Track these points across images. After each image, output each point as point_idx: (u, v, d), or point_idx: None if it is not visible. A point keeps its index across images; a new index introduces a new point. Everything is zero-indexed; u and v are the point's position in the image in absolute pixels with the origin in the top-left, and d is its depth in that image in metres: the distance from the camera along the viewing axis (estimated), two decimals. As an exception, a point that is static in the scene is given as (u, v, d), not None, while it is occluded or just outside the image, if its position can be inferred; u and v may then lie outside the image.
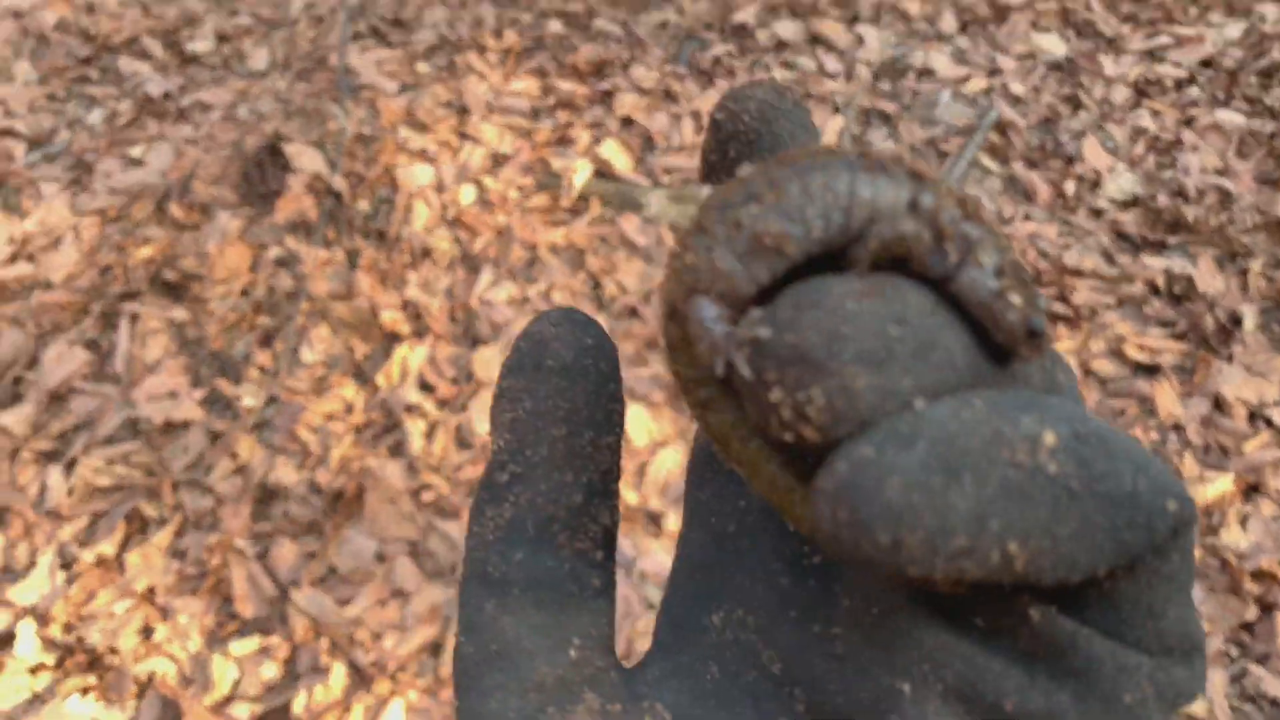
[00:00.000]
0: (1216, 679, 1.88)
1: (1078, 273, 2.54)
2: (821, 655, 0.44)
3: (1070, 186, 2.76)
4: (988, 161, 2.86)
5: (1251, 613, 1.95)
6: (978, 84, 3.08)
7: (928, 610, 0.46)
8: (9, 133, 2.93)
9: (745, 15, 3.32)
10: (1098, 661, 0.44)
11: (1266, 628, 1.94)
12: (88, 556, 2.01)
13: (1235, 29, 3.15)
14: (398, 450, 2.16)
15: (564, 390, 0.49)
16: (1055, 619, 0.44)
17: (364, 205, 2.71)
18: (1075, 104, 3.01)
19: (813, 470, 0.40)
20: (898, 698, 0.45)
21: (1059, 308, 2.47)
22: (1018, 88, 3.06)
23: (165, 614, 1.95)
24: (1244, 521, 2.09)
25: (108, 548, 2.02)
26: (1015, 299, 0.44)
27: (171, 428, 2.21)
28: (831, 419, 0.40)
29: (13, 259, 2.55)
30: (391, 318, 2.41)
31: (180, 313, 2.43)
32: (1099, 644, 0.45)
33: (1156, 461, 0.44)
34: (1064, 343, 2.39)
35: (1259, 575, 2.00)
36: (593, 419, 0.47)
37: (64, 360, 2.30)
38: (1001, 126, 2.95)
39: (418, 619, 1.91)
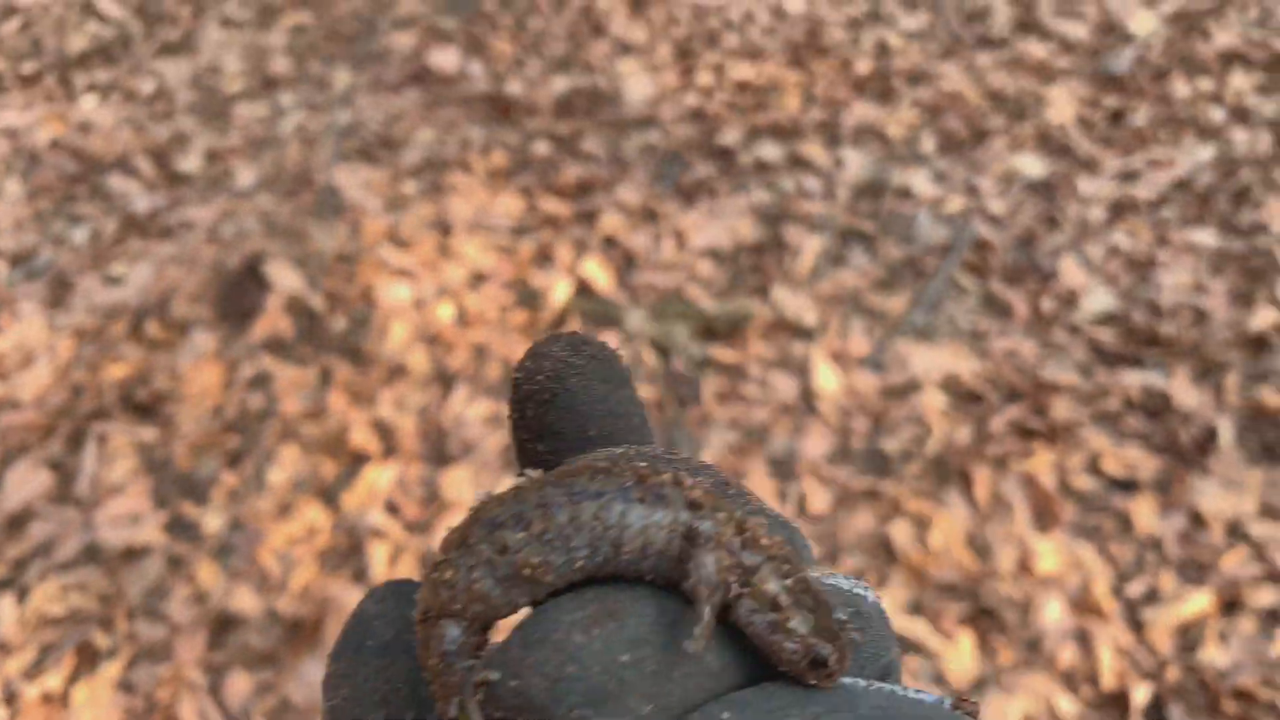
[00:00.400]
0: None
1: (1055, 388, 2.52)
2: None
3: (1047, 303, 2.76)
4: (965, 280, 2.87)
5: (1238, 741, 1.88)
6: (956, 204, 3.11)
7: None
8: (-6, 250, 2.96)
9: (729, 138, 3.38)
10: None
11: (1254, 759, 1.87)
12: (32, 691, 1.94)
13: (1207, 152, 3.19)
14: (360, 575, 2.12)
15: (382, 670, 0.47)
16: None
17: (341, 323, 2.71)
18: (1052, 223, 3.03)
19: None
20: None
21: (1036, 423, 2.45)
22: (996, 207, 3.09)
23: (111, 749, 1.88)
24: (1223, 638, 2.04)
25: (54, 681, 1.96)
26: (797, 627, 0.43)
27: (131, 553, 2.16)
28: None
29: (-14, 377, 2.55)
30: (362, 437, 2.39)
31: (149, 433, 2.41)
32: None
33: None
34: (1041, 457, 2.36)
35: (1238, 694, 1.94)
36: (414, 697, 0.44)
37: (26, 482, 2.27)
38: (979, 245, 2.96)
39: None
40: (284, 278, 2.76)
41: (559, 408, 0.50)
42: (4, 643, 2.02)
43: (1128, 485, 2.32)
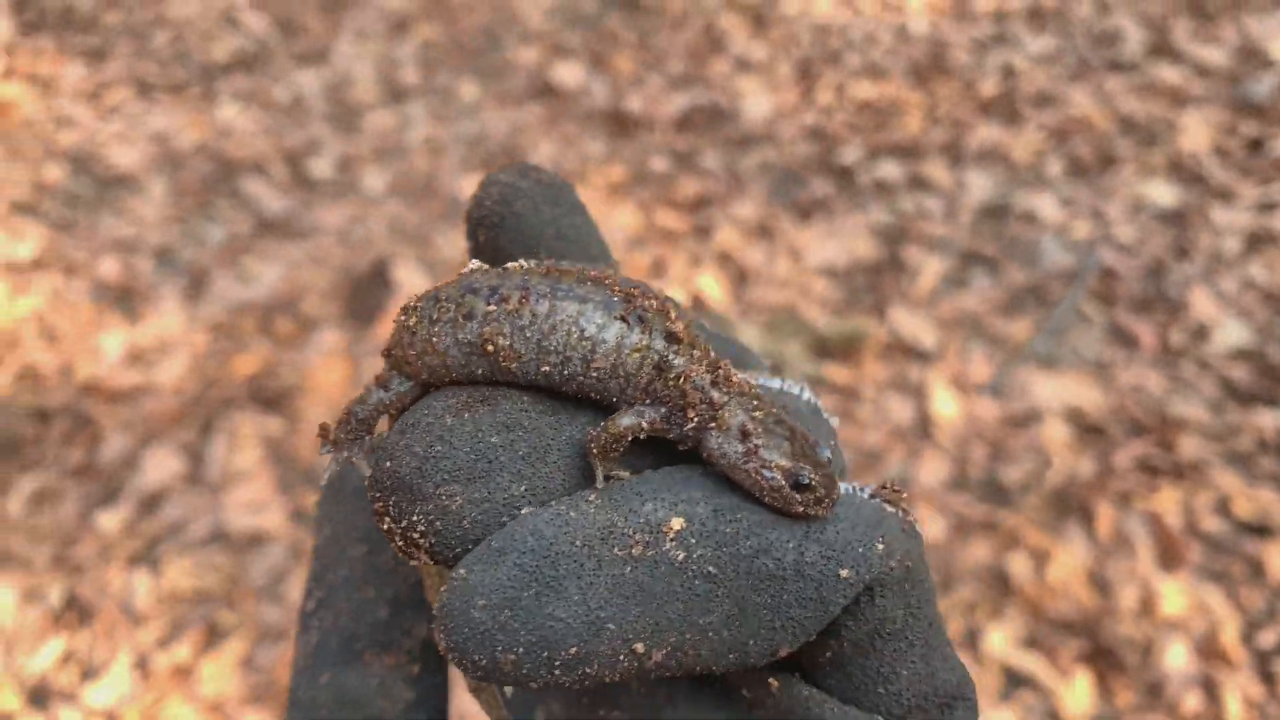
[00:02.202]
0: None
1: (1183, 424, 2.44)
2: None
3: (1176, 336, 2.67)
4: (1090, 308, 2.80)
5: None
6: (1082, 230, 3.03)
7: (690, 687, 0.44)
8: (137, 247, 3.10)
9: (848, 157, 3.36)
10: None
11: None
12: (163, 661, 2.02)
13: (1356, 183, 3.05)
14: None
15: (362, 509, 0.48)
16: (793, 687, 0.41)
17: (461, 327, 2.77)
18: (1183, 253, 2.93)
19: None
20: None
21: (1162, 460, 2.36)
22: (1124, 235, 3.01)
23: (231, 726, 1.95)
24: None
25: (183, 653, 2.04)
26: (771, 455, 0.42)
27: (256, 538, 2.24)
28: (438, 542, 0.39)
29: (128, 365, 2.67)
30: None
31: (275, 424, 2.49)
32: (833, 712, 0.42)
33: (850, 519, 0.41)
34: (1167, 495, 2.28)
35: None
36: None
37: (162, 465, 2.37)
38: (1106, 273, 2.89)
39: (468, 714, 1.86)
40: (410, 280, 2.84)
41: (507, 230, 0.50)
42: (138, 614, 2.11)
43: (1260, 530, 2.22)
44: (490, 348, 0.43)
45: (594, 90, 3.72)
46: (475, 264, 0.48)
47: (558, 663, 0.37)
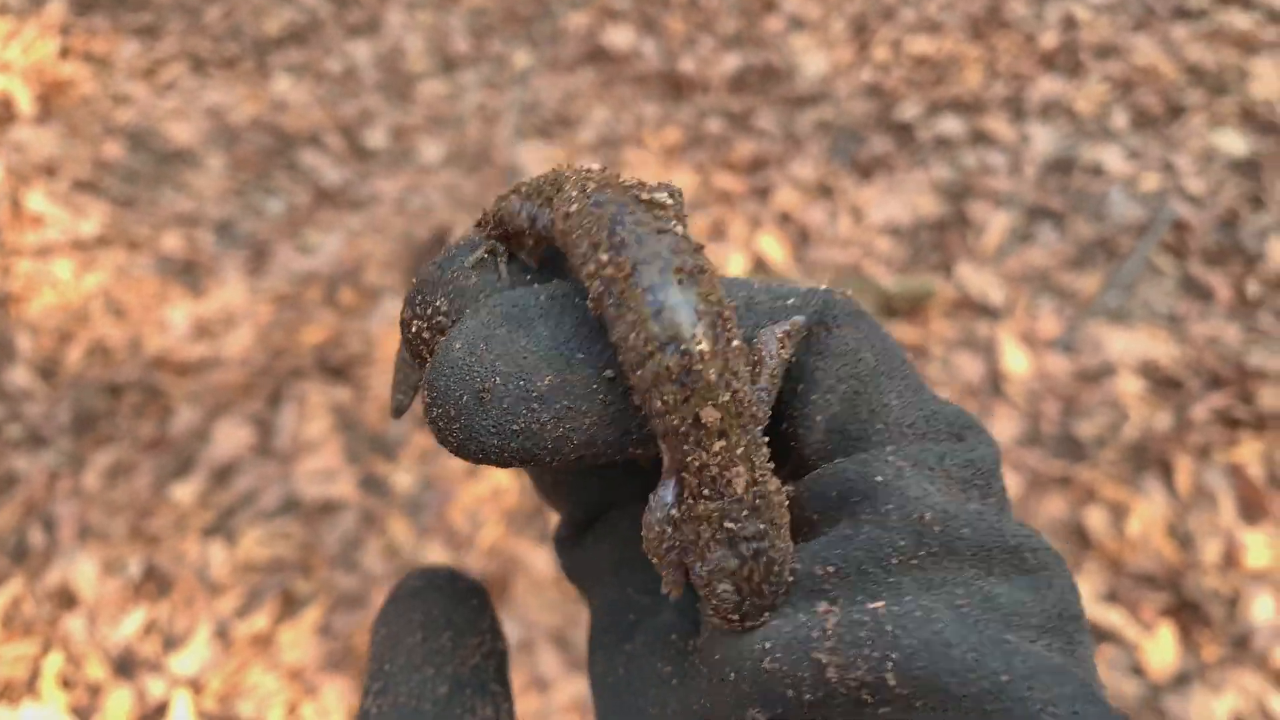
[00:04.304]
0: None
1: (1262, 375, 2.37)
2: None
3: (1253, 287, 2.60)
4: (1162, 261, 2.73)
5: None
6: (1151, 182, 2.95)
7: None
8: (199, 221, 3.12)
9: (907, 113, 3.30)
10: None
11: None
12: (242, 630, 2.05)
13: None
14: (544, 536, 2.15)
15: (416, 606, 0.50)
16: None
17: (521, 294, 2.77)
18: (1258, 203, 2.85)
19: None
20: None
21: (1242, 412, 2.31)
22: (1194, 186, 2.93)
23: (311, 691, 1.97)
24: None
25: (261, 622, 2.06)
26: (705, 566, 0.40)
27: (328, 506, 2.26)
28: (453, 314, 0.42)
29: (194, 338, 2.69)
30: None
31: (342, 394, 2.51)
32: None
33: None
34: (1248, 447, 2.22)
35: None
36: (450, 621, 0.48)
37: (232, 437, 2.39)
38: (1177, 225, 2.81)
39: (559, 708, 1.87)
40: (468, 248, 2.84)
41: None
42: (216, 584, 2.14)
43: (1349, 480, 2.17)
44: (526, 224, 0.47)
45: (646, 53, 3.68)
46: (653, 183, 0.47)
47: (534, 394, 0.38)
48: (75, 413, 2.51)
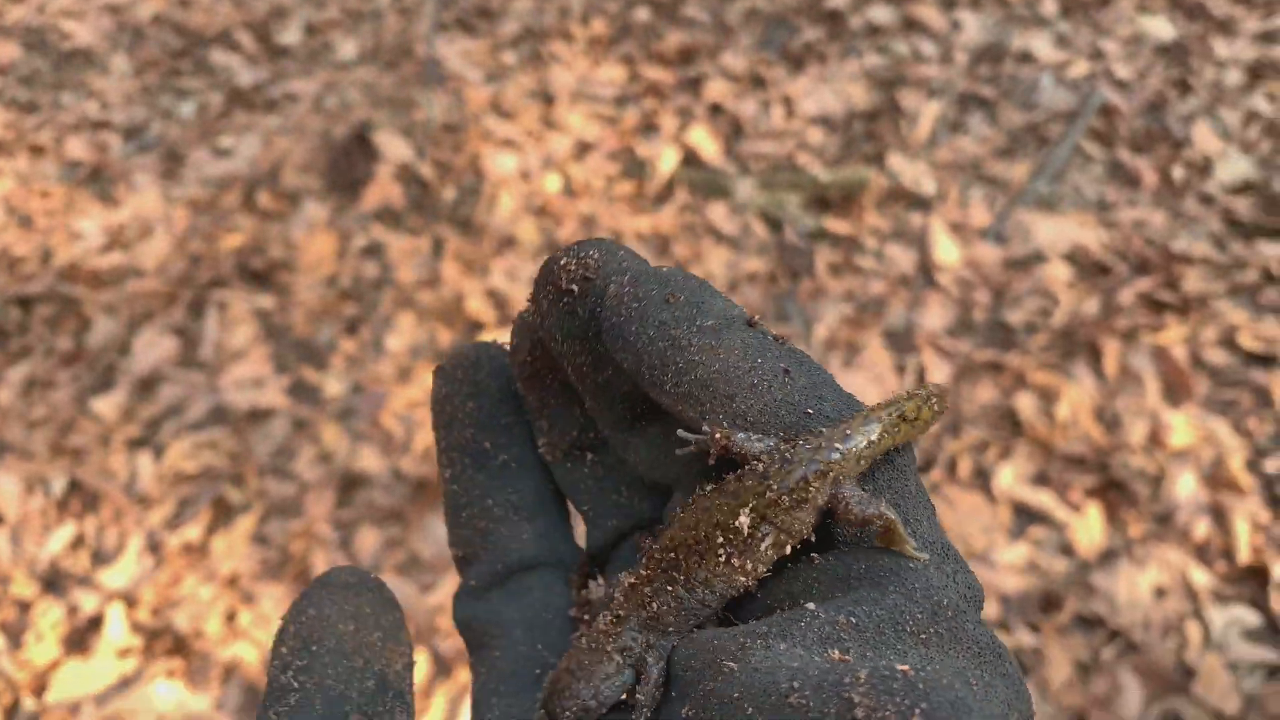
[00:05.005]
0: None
1: (1187, 260, 2.41)
2: None
3: (1179, 172, 2.62)
4: (1091, 147, 2.74)
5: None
6: (1080, 68, 2.95)
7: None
8: (105, 125, 2.98)
9: (838, 1, 3.23)
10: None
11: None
12: (174, 541, 2.01)
13: (1363, 6, 2.97)
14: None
15: (349, 598, 0.50)
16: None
17: (450, 193, 2.70)
18: (1184, 88, 2.86)
19: None
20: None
21: (1167, 296, 2.35)
22: (1123, 71, 2.93)
23: (248, 599, 1.95)
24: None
25: (194, 532, 2.02)
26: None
27: (256, 415, 2.21)
28: (601, 266, 0.48)
29: (107, 248, 2.59)
30: (476, 306, 2.39)
31: (266, 301, 2.44)
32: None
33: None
34: (1173, 330, 2.27)
35: None
36: (379, 623, 0.48)
37: (154, 347, 2.32)
38: (1106, 111, 2.82)
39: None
40: (392, 147, 2.75)
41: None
42: (145, 496, 2.09)
43: (1266, 360, 2.22)
44: None
45: (569, -58, 3.55)
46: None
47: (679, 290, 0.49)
48: (-15, 327, 2.41)
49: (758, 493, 0.48)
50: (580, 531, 0.58)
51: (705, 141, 2.82)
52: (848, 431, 0.49)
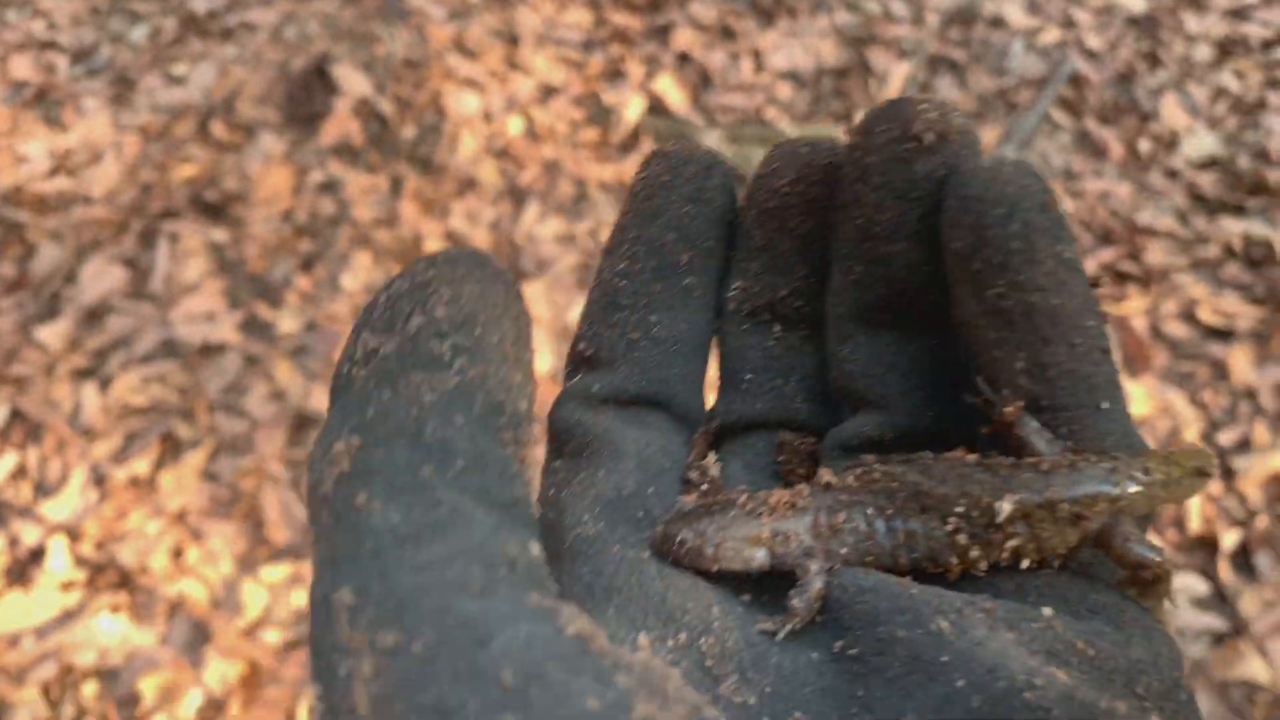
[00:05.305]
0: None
1: (1150, 232, 2.43)
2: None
3: (1145, 145, 2.64)
4: (1059, 116, 2.74)
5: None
6: (1051, 35, 2.95)
7: None
8: (52, 45, 2.87)
9: (810, -46, 3.19)
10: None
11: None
12: (120, 475, 1.97)
13: (1329, -14, 2.99)
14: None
15: (499, 291, 0.43)
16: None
17: (410, 131, 2.64)
18: (1154, 61, 2.87)
19: None
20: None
21: (1129, 267, 2.37)
22: (1094, 41, 2.93)
23: (197, 536, 1.91)
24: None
25: (141, 466, 1.98)
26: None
27: (208, 350, 2.16)
28: None
29: (53, 172, 2.50)
30: (435, 246, 2.34)
31: (220, 234, 2.37)
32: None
33: None
34: (1134, 302, 2.29)
35: None
36: (520, 335, 0.42)
37: (102, 277, 2.25)
38: (1075, 80, 2.82)
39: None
40: (351, 81, 2.68)
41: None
42: (90, 428, 2.04)
43: (1224, 334, 2.26)
44: None
45: (540, -120, 3.46)
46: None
47: None
48: (-77, 249, 2.33)
49: (1034, 488, 0.43)
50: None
51: (672, 90, 2.79)
52: (1149, 466, 0.44)
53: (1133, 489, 0.43)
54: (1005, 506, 0.42)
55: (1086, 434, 0.44)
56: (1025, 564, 0.43)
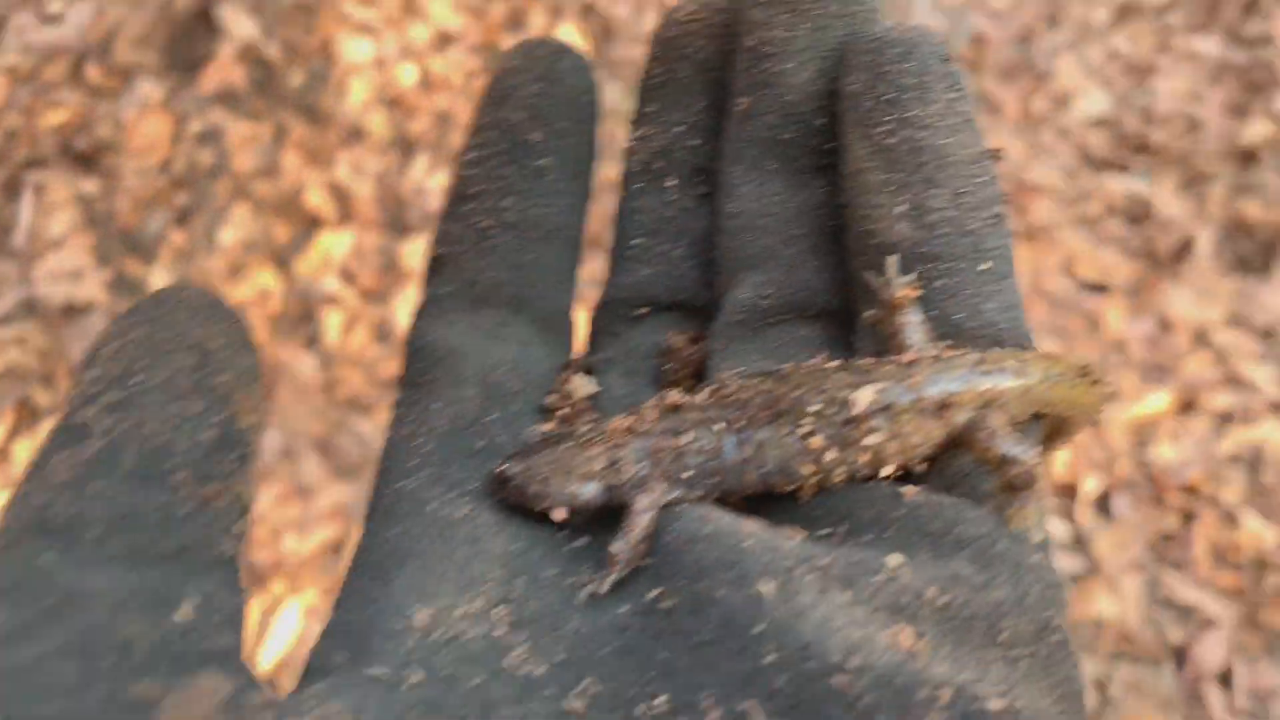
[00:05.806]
0: (1132, 585, 1.87)
1: (1037, 189, 2.46)
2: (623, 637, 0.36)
3: (1039, 104, 2.65)
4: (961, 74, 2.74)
5: (1172, 523, 1.95)
6: (956, -9, 2.93)
7: None
8: (-83, -23, 2.72)
9: (718, -99, 3.13)
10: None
11: (1185, 537, 1.94)
12: (-27, 442, 1.90)
13: (1225, -48, 3.01)
14: (312, 342, 2.06)
15: (195, 322, 0.40)
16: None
17: (297, 77, 2.55)
18: (1053, 22, 2.88)
19: None
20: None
21: (1015, 223, 2.39)
22: (997, 2, 2.92)
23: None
24: (1176, 438, 2.07)
25: (-3, 433, 1.92)
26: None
27: (72, 310, 2.08)
28: None
29: (-87, 115, 2.38)
30: (317, 200, 2.28)
31: (90, 185, 2.28)
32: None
33: None
34: (1018, 255, 2.31)
35: (1184, 488, 2.00)
36: (231, 362, 0.39)
37: (-40, 228, 2.16)
38: (977, 39, 2.81)
39: (320, 517, 1.83)
40: (237, 24, 2.57)
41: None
42: (-60, 393, 1.97)
43: (1099, 288, 2.30)
44: None
45: None
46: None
47: None
48: None
49: (895, 378, 0.39)
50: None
51: (574, 40, 2.72)
52: (1024, 360, 0.41)
53: (1007, 384, 0.40)
54: (864, 396, 0.39)
55: (964, 295, 0.42)
56: (888, 470, 0.39)
